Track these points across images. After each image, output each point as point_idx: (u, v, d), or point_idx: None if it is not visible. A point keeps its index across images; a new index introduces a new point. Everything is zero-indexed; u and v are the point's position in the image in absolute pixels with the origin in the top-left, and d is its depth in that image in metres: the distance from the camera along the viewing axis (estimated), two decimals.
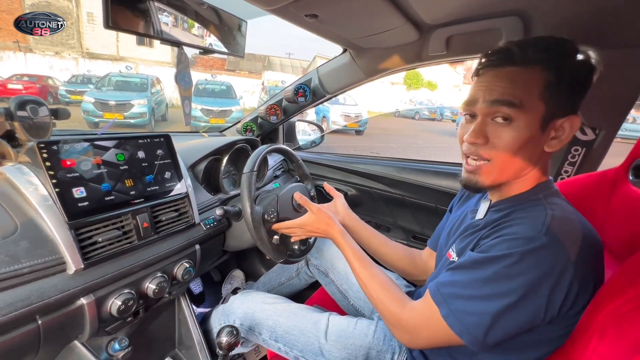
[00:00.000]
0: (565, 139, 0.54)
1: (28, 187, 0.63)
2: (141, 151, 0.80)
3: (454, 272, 0.56)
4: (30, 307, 0.55)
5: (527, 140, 0.53)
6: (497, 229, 0.55)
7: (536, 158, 0.56)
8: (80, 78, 9.92)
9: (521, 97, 0.52)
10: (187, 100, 0.94)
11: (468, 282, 0.53)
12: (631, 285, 0.44)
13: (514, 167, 0.56)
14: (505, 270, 0.49)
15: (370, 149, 7.61)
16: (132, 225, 0.74)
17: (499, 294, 0.49)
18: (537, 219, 0.51)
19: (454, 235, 0.70)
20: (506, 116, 0.53)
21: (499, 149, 0.55)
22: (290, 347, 0.80)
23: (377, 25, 0.89)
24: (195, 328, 0.95)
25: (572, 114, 0.53)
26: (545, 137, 0.54)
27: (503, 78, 0.53)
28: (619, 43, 0.75)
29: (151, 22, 0.71)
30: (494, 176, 0.58)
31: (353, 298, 1.02)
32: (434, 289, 0.57)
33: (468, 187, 0.61)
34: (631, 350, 0.38)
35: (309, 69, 15.43)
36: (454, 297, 0.54)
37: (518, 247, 0.49)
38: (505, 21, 0.80)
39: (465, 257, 0.57)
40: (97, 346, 0.76)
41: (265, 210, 0.91)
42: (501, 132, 0.54)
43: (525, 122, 0.52)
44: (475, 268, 0.53)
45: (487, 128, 0.55)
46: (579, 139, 0.88)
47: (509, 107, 0.52)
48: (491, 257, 0.51)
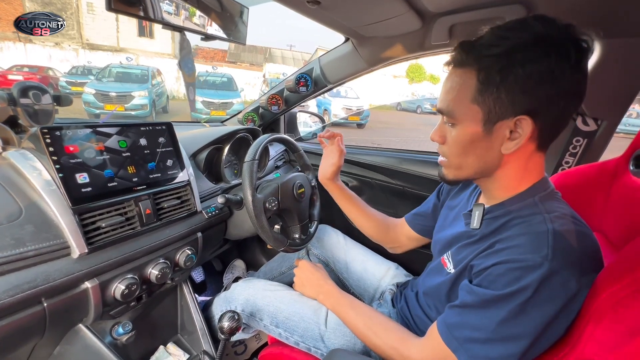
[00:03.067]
0: (522, 140, 0.50)
1: (32, 172, 0.64)
2: (143, 138, 0.81)
3: (463, 312, 0.54)
4: (36, 290, 0.56)
5: (470, 141, 0.54)
6: (498, 248, 0.53)
7: (496, 158, 0.54)
8: (80, 69, 9.87)
9: (454, 102, 0.53)
10: (191, 86, 0.95)
11: (483, 324, 0.51)
12: (628, 272, 0.45)
13: (471, 165, 0.57)
14: (520, 308, 0.47)
15: (371, 143, 7.59)
16: (134, 211, 0.75)
17: (519, 334, 0.48)
18: (540, 239, 0.49)
19: (449, 241, 0.70)
20: (449, 120, 0.56)
21: (451, 148, 0.57)
22: (291, 332, 0.81)
23: (379, 12, 0.89)
24: (197, 314, 0.96)
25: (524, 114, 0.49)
26: (496, 139, 0.52)
27: (447, 81, 0.55)
28: (622, 32, 0.74)
29: (153, 7, 0.71)
30: (454, 172, 0.60)
31: (353, 287, 1.03)
32: (446, 332, 0.55)
33: (441, 179, 0.64)
34: (627, 334, 0.39)
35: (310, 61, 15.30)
36: (471, 341, 0.51)
37: (527, 277, 0.47)
38: (509, 9, 0.79)
39: (472, 292, 0.54)
40: (101, 330, 0.77)
41: (267, 199, 0.91)
42: (450, 133, 0.57)
43: (465, 125, 0.53)
44: (487, 307, 0.51)
45: (444, 128, 0.58)
46: (580, 130, 0.88)
47: (447, 114, 0.55)
48: (503, 296, 0.49)
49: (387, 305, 0.87)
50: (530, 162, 0.55)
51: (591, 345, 0.43)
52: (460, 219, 0.69)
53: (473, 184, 0.73)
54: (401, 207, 1.39)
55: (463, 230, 0.66)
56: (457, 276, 0.62)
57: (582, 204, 0.61)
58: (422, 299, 0.76)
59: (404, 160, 1.31)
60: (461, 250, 0.63)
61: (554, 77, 0.47)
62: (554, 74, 0.47)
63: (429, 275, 0.75)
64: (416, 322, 0.76)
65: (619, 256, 0.51)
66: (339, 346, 0.76)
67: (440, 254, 0.71)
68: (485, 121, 0.51)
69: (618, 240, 0.61)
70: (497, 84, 0.49)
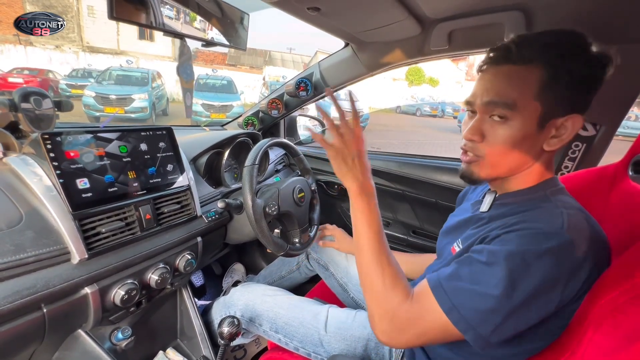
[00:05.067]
0: (566, 137, 0.53)
1: (32, 178, 0.64)
2: (143, 143, 0.81)
3: (460, 265, 0.52)
4: (36, 296, 0.56)
5: (522, 139, 0.53)
6: (510, 224, 0.52)
7: (535, 155, 0.55)
8: (80, 72, 9.90)
9: (516, 97, 0.52)
10: (189, 92, 0.95)
11: (478, 277, 0.49)
12: (627, 277, 0.45)
13: (509, 164, 0.56)
14: (523, 267, 0.46)
15: (370, 145, 7.58)
16: (134, 216, 0.75)
17: (514, 291, 0.46)
18: (555, 217, 0.49)
19: (456, 226, 0.69)
20: (502, 115, 0.53)
21: (493, 146, 0.55)
22: (291, 338, 0.81)
23: (379, 18, 0.89)
24: (197, 319, 0.96)
25: (576, 112, 0.51)
26: (544, 136, 0.53)
27: (500, 77, 0.54)
28: (620, 38, 0.74)
29: (154, 14, 0.71)
30: (488, 170, 0.58)
31: (353, 291, 1.03)
32: (435, 281, 0.53)
33: (464, 178, 0.61)
34: (626, 340, 0.39)
35: (310, 64, 15.38)
36: (460, 291, 0.49)
37: (539, 242, 0.46)
38: (507, 15, 0.79)
39: (473, 250, 0.53)
40: (100, 335, 0.77)
41: (267, 203, 0.92)
42: (497, 130, 0.54)
43: (521, 121, 0.52)
44: (487, 262, 0.49)
45: (484, 125, 0.56)
46: (579, 135, 0.88)
47: (503, 107, 0.53)
48: (508, 252, 0.47)
49: None
50: (542, 159, 0.56)
51: (591, 350, 0.43)
52: (469, 209, 0.69)
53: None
54: (400, 211, 1.39)
55: (471, 215, 0.66)
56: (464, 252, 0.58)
57: None
58: None
59: (403, 164, 1.31)
60: (471, 235, 0.60)
61: (598, 82, 0.51)
62: (598, 80, 0.51)
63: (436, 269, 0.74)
64: None
65: (617, 262, 0.51)
66: (338, 351, 0.76)
67: (448, 246, 0.67)
68: (541, 118, 0.52)
69: (617, 245, 0.61)
70: (564, 82, 0.50)
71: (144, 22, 0.70)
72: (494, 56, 0.55)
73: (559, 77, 0.50)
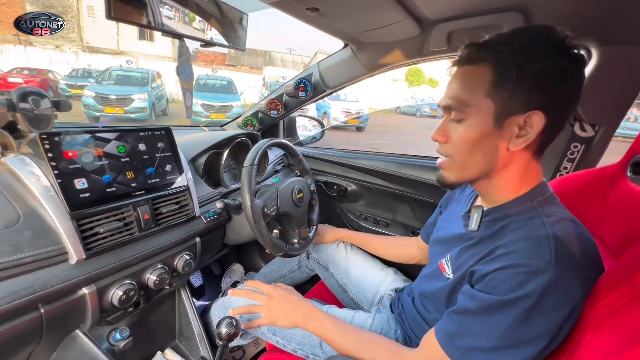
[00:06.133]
0: (532, 136, 0.51)
1: (30, 178, 0.63)
2: (142, 144, 0.81)
3: (464, 319, 0.53)
4: (33, 296, 0.56)
5: (480, 137, 0.53)
6: (499, 254, 0.52)
7: (503, 156, 0.54)
8: (80, 72, 9.91)
9: (468, 96, 0.53)
10: (188, 92, 0.94)
11: (486, 332, 0.49)
12: (626, 280, 0.45)
13: (477, 164, 0.56)
14: (525, 315, 0.46)
15: (370, 146, 7.60)
16: (133, 216, 0.75)
17: (524, 341, 0.47)
18: (541, 244, 0.48)
19: (447, 241, 0.70)
20: (458, 116, 0.55)
21: (456, 146, 0.56)
22: (289, 340, 0.81)
23: (378, 19, 0.89)
24: (195, 319, 0.96)
25: (537, 109, 0.49)
26: (506, 135, 0.52)
27: (456, 78, 0.55)
28: (619, 40, 0.74)
29: (153, 14, 0.71)
30: (457, 173, 0.59)
31: (352, 291, 1.03)
32: (446, 341, 0.54)
33: (439, 182, 0.62)
34: (625, 342, 0.39)
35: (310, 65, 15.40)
36: (474, 350, 0.50)
37: (531, 283, 0.46)
38: (506, 16, 0.79)
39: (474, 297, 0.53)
40: (98, 336, 0.77)
41: (265, 204, 0.91)
42: (457, 130, 0.55)
43: (476, 120, 0.53)
44: (489, 314, 0.49)
45: (448, 126, 0.57)
46: (578, 136, 0.88)
47: (457, 108, 0.54)
48: (506, 301, 0.48)
49: (386, 311, 0.87)
50: (529, 166, 0.56)
51: (590, 352, 0.43)
52: (459, 221, 0.69)
53: (471, 188, 0.73)
54: (399, 211, 1.39)
55: (461, 232, 0.66)
56: (457, 282, 0.61)
57: (580, 210, 0.61)
58: (418, 304, 0.76)
59: (402, 165, 1.31)
60: (460, 255, 0.63)
61: (565, 77, 0.49)
62: (565, 74, 0.49)
63: (427, 280, 0.75)
64: (412, 328, 0.76)
65: (617, 263, 0.51)
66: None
67: (438, 257, 0.71)
68: (496, 116, 0.51)
69: (616, 246, 0.61)
70: (514, 78, 0.49)
71: (142, 22, 0.69)
72: (455, 60, 0.56)
73: (508, 73, 0.49)
